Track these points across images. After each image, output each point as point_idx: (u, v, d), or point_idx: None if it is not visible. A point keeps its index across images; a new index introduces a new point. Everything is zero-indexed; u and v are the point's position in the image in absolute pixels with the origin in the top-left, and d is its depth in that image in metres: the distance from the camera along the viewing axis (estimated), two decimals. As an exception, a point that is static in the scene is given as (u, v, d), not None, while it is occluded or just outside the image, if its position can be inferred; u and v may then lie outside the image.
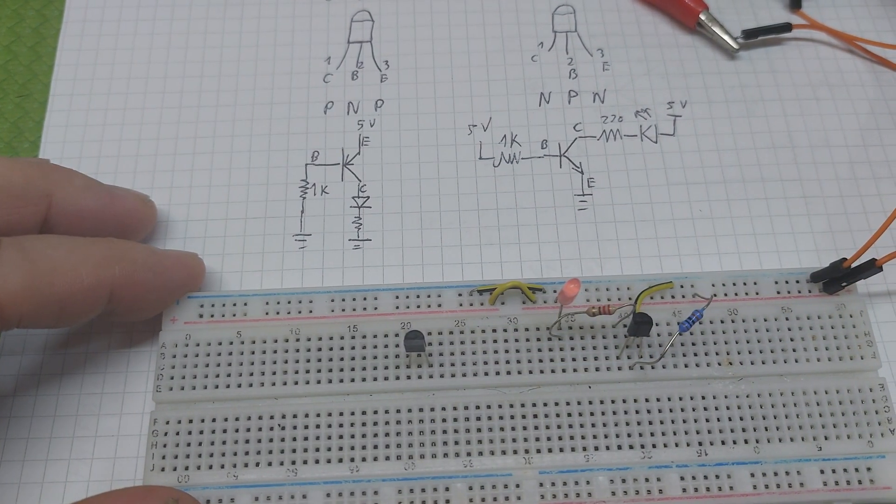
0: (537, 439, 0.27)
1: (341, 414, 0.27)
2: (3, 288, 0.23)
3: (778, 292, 0.29)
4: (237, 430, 0.27)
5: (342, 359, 0.28)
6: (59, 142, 0.33)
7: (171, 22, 0.36)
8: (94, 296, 0.25)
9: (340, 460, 0.27)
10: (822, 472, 0.27)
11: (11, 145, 0.33)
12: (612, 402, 0.27)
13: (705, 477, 0.27)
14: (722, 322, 0.29)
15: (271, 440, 0.27)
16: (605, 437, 0.27)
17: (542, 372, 0.28)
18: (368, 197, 0.32)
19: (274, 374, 0.28)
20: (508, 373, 0.28)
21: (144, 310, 0.28)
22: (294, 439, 0.27)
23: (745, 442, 0.27)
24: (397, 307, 0.29)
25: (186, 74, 0.35)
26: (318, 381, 0.28)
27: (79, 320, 0.26)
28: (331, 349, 0.28)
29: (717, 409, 0.27)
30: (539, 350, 0.28)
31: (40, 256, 0.24)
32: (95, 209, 0.28)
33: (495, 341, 0.28)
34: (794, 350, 0.28)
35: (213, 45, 0.35)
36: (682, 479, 0.26)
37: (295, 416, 0.27)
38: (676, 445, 0.27)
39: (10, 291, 0.24)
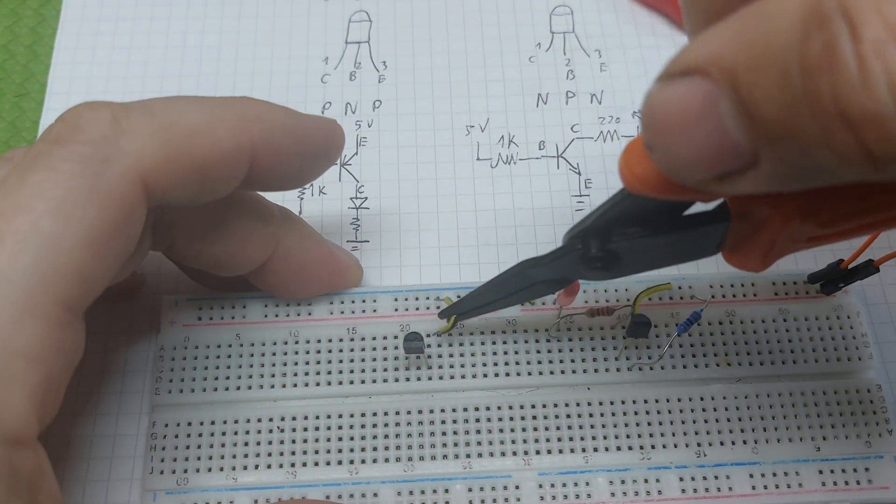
0: (536, 441, 0.27)
1: (340, 416, 0.27)
2: (142, 160, 0.21)
3: (775, 294, 0.29)
4: (236, 433, 0.27)
5: (341, 361, 0.28)
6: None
7: (168, 21, 0.36)
8: (235, 162, 0.23)
9: (340, 462, 0.27)
10: (820, 472, 0.27)
11: (9, 144, 0.33)
12: (611, 403, 0.28)
13: (704, 478, 0.27)
14: (720, 323, 0.29)
15: (270, 442, 0.27)
16: (605, 438, 0.27)
17: (541, 373, 0.28)
18: (366, 198, 0.32)
19: (273, 376, 0.28)
20: (507, 374, 0.28)
21: (284, 179, 0.25)
22: (293, 441, 0.27)
23: (744, 443, 0.27)
24: (396, 309, 0.29)
25: (183, 74, 0.35)
26: (318, 384, 0.27)
27: (219, 192, 0.24)
28: (329, 351, 0.28)
29: (715, 410, 0.27)
30: (538, 352, 0.28)
31: (173, 119, 0.22)
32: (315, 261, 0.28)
33: (494, 343, 0.28)
34: (791, 351, 0.28)
35: (210, 44, 0.35)
36: (680, 479, 0.27)
37: (294, 419, 0.27)
38: (675, 446, 0.27)
39: (151, 164, 0.21)
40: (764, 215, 0.21)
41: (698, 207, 0.22)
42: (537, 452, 0.27)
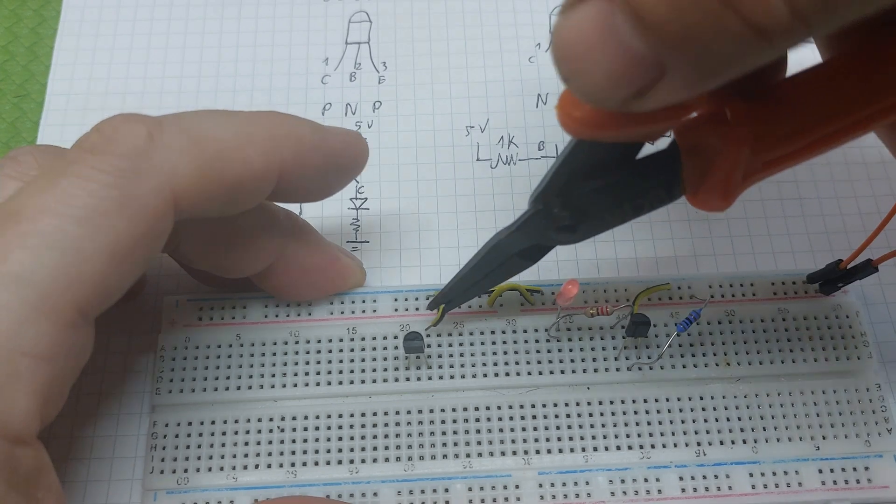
0: (536, 440, 0.27)
1: (340, 416, 0.27)
2: (174, 177, 0.21)
3: (774, 294, 0.29)
4: (237, 433, 0.27)
5: (341, 361, 0.28)
6: (56, 142, 0.33)
7: (168, 22, 0.36)
8: (264, 179, 0.23)
9: (340, 462, 0.27)
10: (819, 471, 0.27)
11: (9, 145, 0.33)
12: (611, 402, 0.28)
13: (704, 477, 0.27)
14: (719, 323, 0.29)
15: (271, 442, 0.27)
16: (604, 437, 0.27)
17: (540, 373, 0.28)
18: (366, 198, 0.32)
19: (273, 376, 0.28)
20: (507, 374, 0.28)
21: (309, 193, 0.26)
22: (293, 441, 0.27)
23: (744, 442, 0.27)
24: (396, 309, 0.29)
25: (184, 75, 0.35)
26: (318, 384, 0.28)
27: (245, 206, 0.24)
28: (330, 351, 0.28)
29: (715, 409, 0.28)
30: (538, 351, 0.28)
31: (206, 136, 0.22)
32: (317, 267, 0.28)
33: (494, 343, 0.28)
34: (791, 351, 0.28)
35: (210, 45, 0.35)
36: (680, 479, 0.27)
37: (294, 419, 0.27)
38: (675, 446, 0.27)
39: (182, 180, 0.22)
40: (715, 145, 0.21)
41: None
42: (537, 452, 0.27)
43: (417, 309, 0.29)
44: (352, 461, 0.27)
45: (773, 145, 0.21)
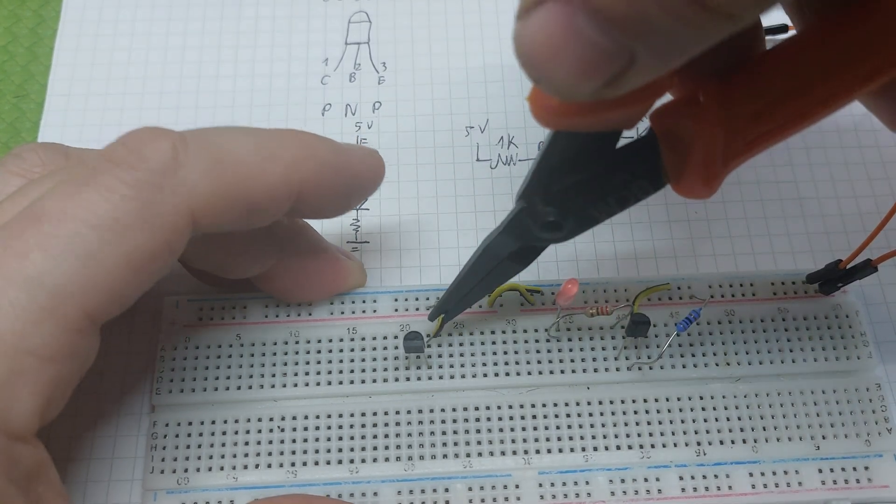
0: (536, 440, 0.27)
1: (341, 416, 0.27)
2: (195, 194, 0.22)
3: (774, 293, 0.29)
4: (237, 433, 0.27)
5: (341, 361, 0.28)
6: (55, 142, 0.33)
7: (168, 23, 0.36)
8: (282, 198, 0.24)
9: (340, 462, 0.27)
10: (820, 471, 0.27)
11: (8, 146, 0.33)
12: (611, 402, 0.28)
13: (704, 477, 0.27)
14: (719, 323, 0.29)
15: (271, 442, 0.27)
16: (604, 437, 0.27)
17: (540, 373, 0.28)
18: (366, 199, 0.32)
19: (273, 376, 0.28)
20: (507, 374, 0.28)
21: (325, 211, 0.26)
22: (294, 441, 0.27)
23: (744, 442, 0.27)
24: (396, 309, 0.29)
25: (184, 75, 0.35)
26: (318, 384, 0.28)
27: (261, 224, 0.24)
28: (330, 351, 0.28)
29: (715, 409, 0.28)
30: (538, 351, 0.28)
31: (228, 155, 0.22)
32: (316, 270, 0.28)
33: (494, 343, 0.28)
34: (790, 350, 0.28)
35: (210, 45, 0.35)
36: (680, 478, 0.27)
37: (294, 418, 0.27)
38: (675, 445, 0.27)
39: (203, 198, 0.22)
40: (689, 129, 0.21)
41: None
42: (537, 452, 0.27)
43: (417, 309, 0.29)
44: (352, 461, 0.27)
45: (750, 123, 0.21)
